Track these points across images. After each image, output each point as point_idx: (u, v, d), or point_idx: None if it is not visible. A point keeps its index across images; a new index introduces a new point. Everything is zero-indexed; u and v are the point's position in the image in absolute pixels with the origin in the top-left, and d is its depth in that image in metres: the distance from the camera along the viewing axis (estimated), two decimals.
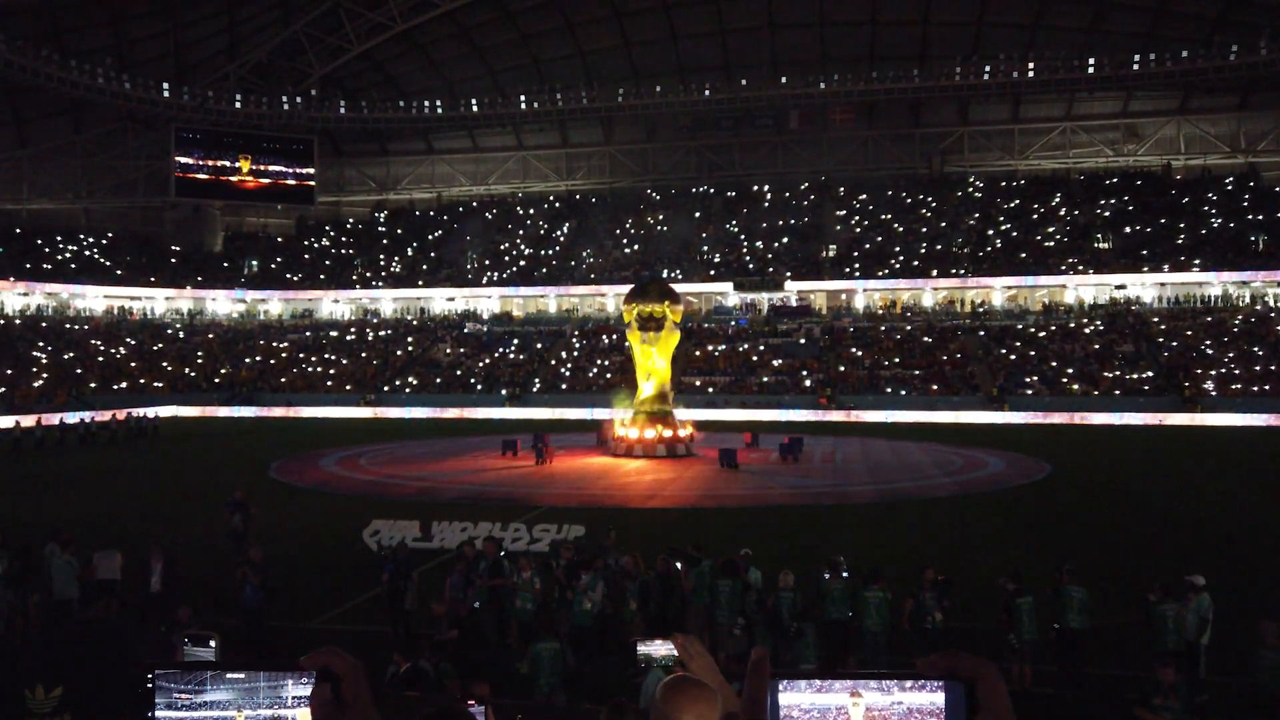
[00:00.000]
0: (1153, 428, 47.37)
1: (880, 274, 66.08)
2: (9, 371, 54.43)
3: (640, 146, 79.58)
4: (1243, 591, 13.95)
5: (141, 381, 59.08)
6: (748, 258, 70.22)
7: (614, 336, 61.44)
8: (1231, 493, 26.18)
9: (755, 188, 77.52)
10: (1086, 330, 59.22)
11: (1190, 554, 16.69)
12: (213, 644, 1.70)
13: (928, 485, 27.54)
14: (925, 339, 60.67)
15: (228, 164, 74.12)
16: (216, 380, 61.44)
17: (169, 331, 68.11)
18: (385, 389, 59.85)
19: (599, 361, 61.45)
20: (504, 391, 58.25)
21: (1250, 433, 44.72)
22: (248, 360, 64.60)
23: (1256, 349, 54.09)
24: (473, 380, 60.56)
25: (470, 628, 11.82)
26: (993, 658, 5.02)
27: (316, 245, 79.62)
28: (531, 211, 79.48)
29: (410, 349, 65.71)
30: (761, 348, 61.64)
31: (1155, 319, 59.43)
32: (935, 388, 55.06)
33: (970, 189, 73.75)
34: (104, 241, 72.75)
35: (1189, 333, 57.07)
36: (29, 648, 10.93)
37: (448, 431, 46.17)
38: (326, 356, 65.05)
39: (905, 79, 68.04)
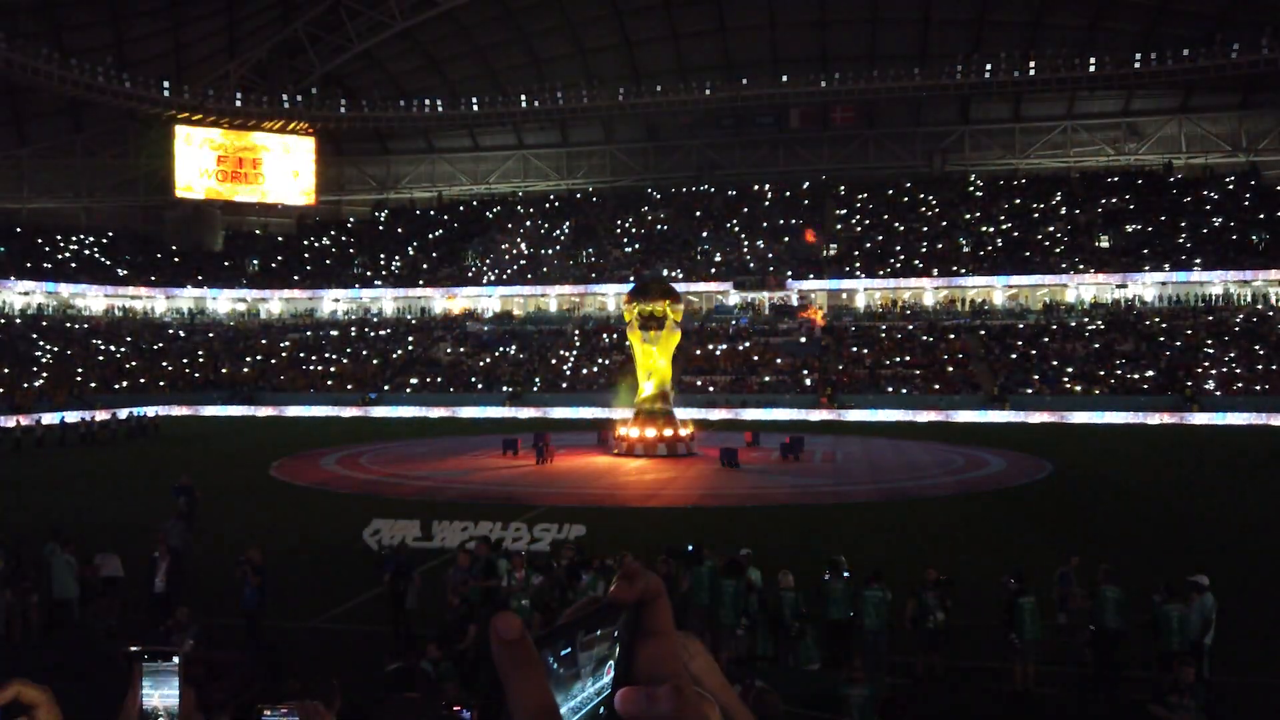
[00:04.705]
0: (1154, 427, 47.33)
1: (881, 273, 66.03)
2: (9, 371, 54.40)
3: (641, 145, 79.54)
4: (1246, 591, 13.92)
5: (142, 381, 59.04)
6: (748, 257, 70.17)
7: (615, 335, 61.40)
8: (1233, 492, 26.13)
9: (756, 187, 77.47)
10: (1087, 329, 59.17)
11: (1193, 554, 16.64)
12: (176, 660, 1.33)
13: (928, 484, 27.51)
14: (926, 338, 60.61)
15: (228, 163, 74.08)
16: (217, 380, 61.41)
17: (169, 331, 68.09)
18: (386, 388, 59.82)
19: (600, 360, 61.43)
20: (506, 389, 58.23)
21: (1251, 432, 44.67)
22: (248, 359, 64.58)
23: (1257, 348, 54.03)
24: (473, 379, 60.54)
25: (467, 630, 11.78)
26: (995, 657, 4.96)
27: (317, 244, 79.58)
28: (532, 210, 79.45)
29: (410, 348, 65.69)
30: (763, 346, 61.64)
31: (1156, 318, 59.38)
32: (936, 387, 55.03)
33: (971, 188, 73.69)
34: (104, 241, 72.71)
35: (1190, 332, 57.00)
36: (24, 654, 10.89)
37: (448, 431, 46.15)
38: (327, 356, 65.03)
39: (906, 78, 67.94)
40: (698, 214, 75.58)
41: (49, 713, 1.11)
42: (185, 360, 63.47)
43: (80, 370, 58.18)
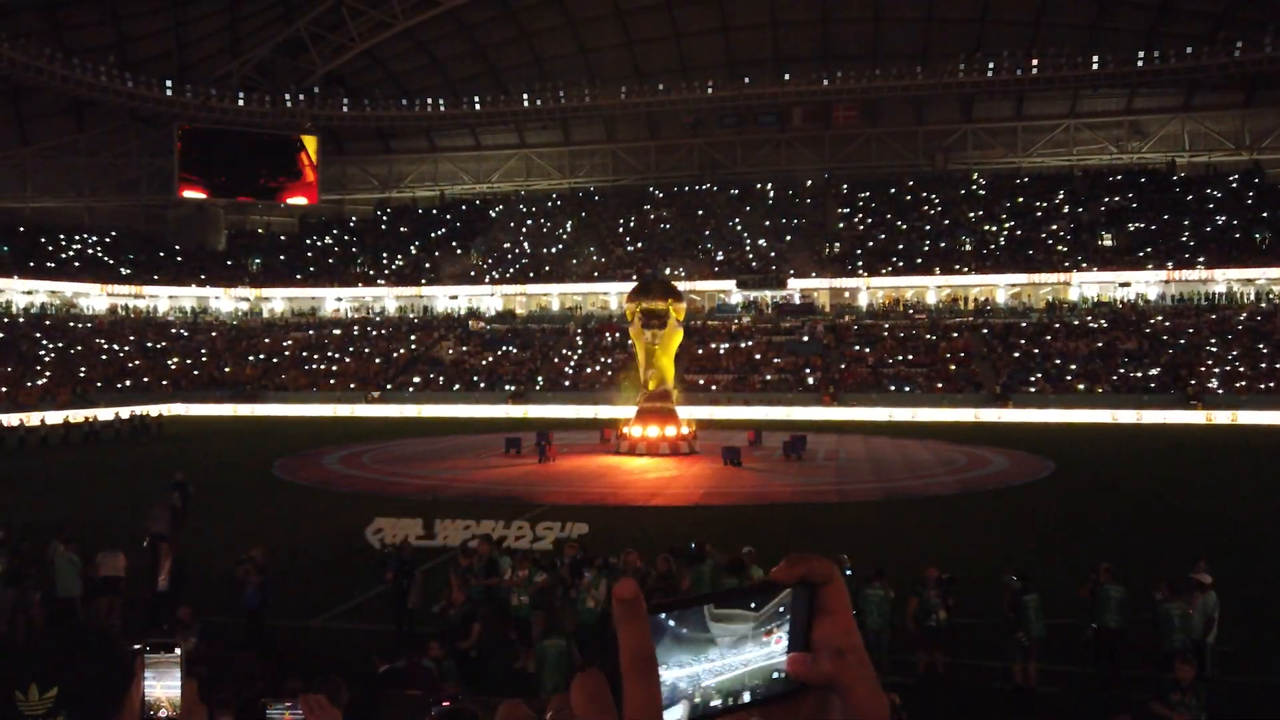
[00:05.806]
0: (1156, 425, 47.25)
1: (884, 271, 65.98)
2: (12, 370, 54.48)
3: (643, 144, 79.49)
4: (1248, 590, 13.91)
5: (145, 380, 59.11)
6: (751, 255, 70.14)
7: (617, 334, 61.40)
8: (1235, 491, 26.09)
9: (758, 185, 77.42)
10: (1090, 328, 59.09)
11: (1196, 552, 16.60)
12: (178, 651, 1.31)
13: (931, 483, 27.48)
14: (928, 336, 60.56)
15: (230, 162, 74.12)
16: (219, 379, 61.46)
17: (172, 330, 68.16)
18: (388, 387, 59.85)
19: (602, 359, 61.43)
20: (509, 388, 58.23)
21: (1254, 430, 44.60)
22: (251, 358, 64.63)
23: (1261, 346, 53.94)
24: (475, 378, 60.55)
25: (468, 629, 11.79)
26: (997, 656, 4.94)
27: (319, 243, 79.63)
28: (534, 209, 79.46)
29: (413, 347, 65.72)
30: (765, 345, 61.61)
31: (1159, 316, 59.29)
32: (939, 385, 54.98)
33: (974, 186, 73.61)
34: (107, 240, 72.79)
35: (1193, 330, 56.93)
36: (26, 649, 10.85)
37: (451, 429, 46.14)
38: (329, 354, 65.07)
39: (908, 76, 67.86)
40: (700, 212, 75.56)
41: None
42: (188, 359, 63.54)
43: (83, 369, 58.25)
